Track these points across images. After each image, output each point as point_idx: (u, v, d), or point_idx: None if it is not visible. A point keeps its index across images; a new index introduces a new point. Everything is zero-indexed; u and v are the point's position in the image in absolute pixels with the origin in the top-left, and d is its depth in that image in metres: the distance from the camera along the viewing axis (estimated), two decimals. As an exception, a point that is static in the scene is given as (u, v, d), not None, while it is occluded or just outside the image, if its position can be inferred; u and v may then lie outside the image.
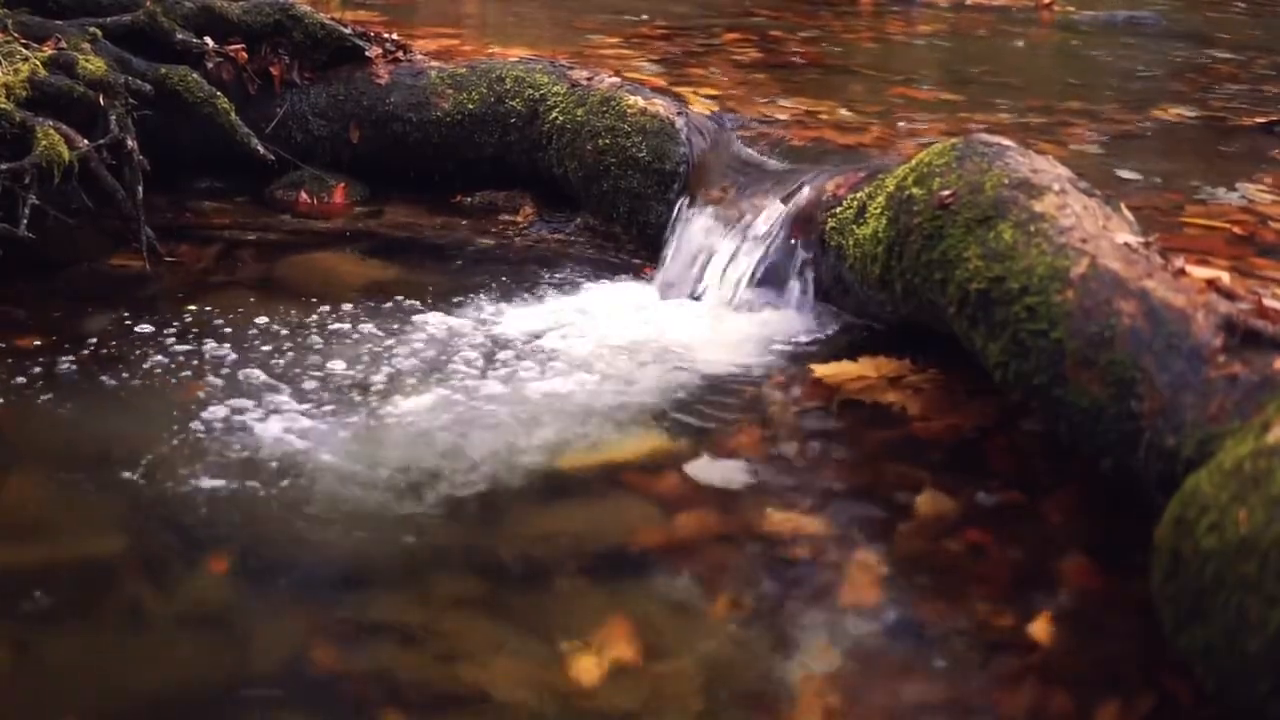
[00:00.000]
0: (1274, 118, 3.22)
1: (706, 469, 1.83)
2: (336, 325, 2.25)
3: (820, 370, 2.10)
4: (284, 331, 2.21)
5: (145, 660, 1.42)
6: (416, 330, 2.24)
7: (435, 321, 2.28)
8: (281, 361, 2.10)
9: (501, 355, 2.15)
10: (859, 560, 1.61)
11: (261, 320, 2.25)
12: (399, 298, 2.38)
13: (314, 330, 2.22)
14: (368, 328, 2.24)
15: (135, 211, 2.51)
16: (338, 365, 2.09)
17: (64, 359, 2.07)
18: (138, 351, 2.11)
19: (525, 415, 1.96)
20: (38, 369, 2.04)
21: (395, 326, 2.25)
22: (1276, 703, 1.13)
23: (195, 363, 2.09)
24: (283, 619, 1.49)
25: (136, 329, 2.20)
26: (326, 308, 2.32)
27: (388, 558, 1.60)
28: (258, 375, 2.04)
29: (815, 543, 1.65)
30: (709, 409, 2.02)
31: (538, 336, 2.23)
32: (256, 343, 2.16)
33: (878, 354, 2.12)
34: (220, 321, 2.24)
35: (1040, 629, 1.47)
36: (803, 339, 2.24)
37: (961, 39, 4.67)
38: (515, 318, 2.32)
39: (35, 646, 1.43)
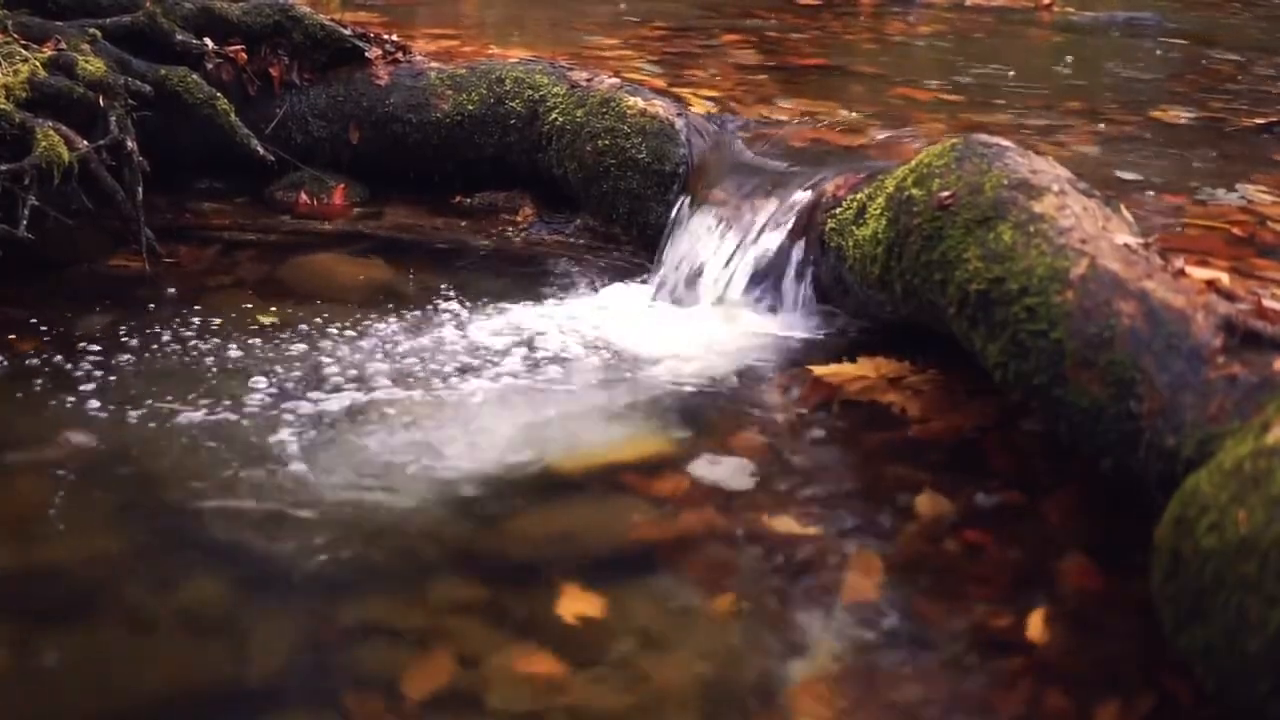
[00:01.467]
0: (1274, 118, 3.22)
1: (706, 469, 1.83)
2: (336, 326, 2.24)
3: (820, 371, 2.10)
4: (283, 332, 2.21)
5: (145, 661, 1.42)
6: (415, 331, 2.24)
7: (434, 322, 2.28)
8: (281, 362, 2.10)
9: (500, 356, 2.15)
10: (859, 560, 1.61)
11: (261, 321, 2.25)
12: (398, 299, 2.38)
13: (313, 331, 2.22)
14: (366, 329, 2.24)
15: (135, 212, 2.50)
16: (336, 366, 2.09)
17: (63, 359, 2.07)
18: (137, 352, 2.11)
19: (525, 416, 1.96)
20: (37, 369, 2.04)
21: (394, 328, 2.25)
22: (1276, 703, 1.13)
23: (195, 363, 2.09)
24: (281, 620, 1.49)
25: (136, 330, 2.20)
26: (326, 309, 2.32)
27: (387, 559, 1.60)
28: (257, 375, 2.04)
29: (815, 543, 1.65)
30: (708, 409, 2.02)
31: (537, 337, 2.23)
32: (256, 343, 2.16)
33: (877, 354, 2.12)
34: (220, 322, 2.24)
35: (1040, 629, 1.47)
36: (802, 339, 2.25)
37: (961, 39, 4.68)
38: (515, 318, 2.32)
39: (35, 647, 1.43)
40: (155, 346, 2.14)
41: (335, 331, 2.22)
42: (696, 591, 1.55)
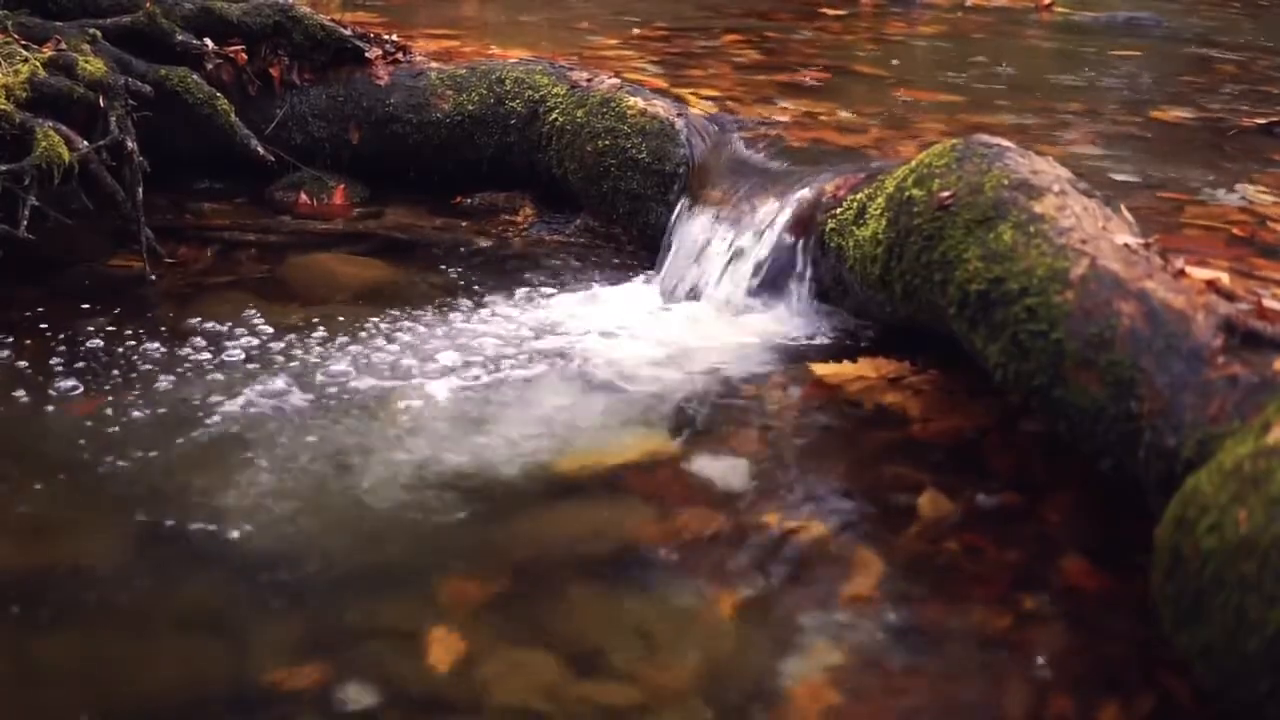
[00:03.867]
0: (1274, 118, 3.22)
1: (707, 469, 1.83)
2: (336, 327, 2.24)
3: (820, 371, 2.10)
4: (284, 332, 2.21)
5: (145, 663, 1.42)
6: (415, 332, 2.24)
7: (434, 323, 2.28)
8: (281, 362, 2.10)
9: (501, 357, 2.15)
10: (859, 561, 1.61)
11: (261, 321, 2.25)
12: (397, 299, 2.38)
13: (314, 331, 2.22)
14: (366, 329, 2.24)
15: (135, 212, 2.50)
16: (336, 366, 2.09)
17: (64, 359, 2.08)
18: (138, 352, 2.12)
19: (524, 416, 1.96)
20: (37, 370, 2.04)
21: (394, 328, 2.25)
22: (1276, 703, 1.13)
23: (195, 363, 2.09)
24: (284, 621, 1.49)
25: (136, 330, 2.20)
26: (326, 309, 2.32)
27: (387, 559, 1.60)
28: (257, 376, 2.04)
29: (815, 543, 1.65)
30: (709, 409, 2.02)
31: (537, 337, 2.23)
32: (256, 344, 2.17)
33: (878, 355, 2.12)
34: (220, 322, 2.24)
35: (1039, 629, 1.47)
36: (802, 340, 2.25)
37: (962, 40, 4.67)
38: (515, 319, 2.32)
39: (35, 648, 1.43)
40: (155, 346, 2.14)
41: (334, 331, 2.22)
42: (697, 591, 1.55)
